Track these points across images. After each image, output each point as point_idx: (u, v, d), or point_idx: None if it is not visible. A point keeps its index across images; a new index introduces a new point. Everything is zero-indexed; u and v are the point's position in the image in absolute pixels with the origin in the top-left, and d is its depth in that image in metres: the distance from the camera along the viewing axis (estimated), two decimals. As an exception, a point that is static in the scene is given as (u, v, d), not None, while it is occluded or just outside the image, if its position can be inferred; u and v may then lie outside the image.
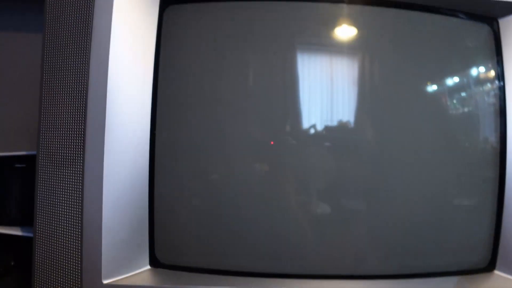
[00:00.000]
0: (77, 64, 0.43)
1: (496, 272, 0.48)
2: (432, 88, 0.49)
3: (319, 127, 0.47)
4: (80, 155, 0.43)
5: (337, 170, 0.47)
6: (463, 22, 0.49)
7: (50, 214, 0.43)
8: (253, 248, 0.47)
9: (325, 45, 0.48)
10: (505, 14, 0.48)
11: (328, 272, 0.46)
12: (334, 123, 0.47)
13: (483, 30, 0.49)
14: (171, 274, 0.45)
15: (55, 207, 0.43)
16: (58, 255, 0.43)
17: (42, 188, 0.44)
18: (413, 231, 0.47)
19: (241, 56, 0.47)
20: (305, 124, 0.47)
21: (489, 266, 0.48)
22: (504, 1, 0.46)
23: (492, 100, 0.49)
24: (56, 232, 0.43)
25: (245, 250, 0.47)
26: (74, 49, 0.43)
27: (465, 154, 0.49)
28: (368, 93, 0.48)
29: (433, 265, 0.48)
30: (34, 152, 0.48)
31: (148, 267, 0.46)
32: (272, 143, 0.47)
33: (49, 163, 0.44)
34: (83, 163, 0.43)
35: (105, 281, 0.43)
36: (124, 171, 0.44)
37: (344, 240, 0.47)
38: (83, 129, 0.43)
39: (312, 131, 0.47)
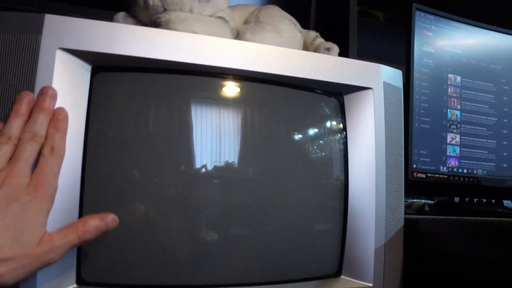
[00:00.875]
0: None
1: (342, 276, 0.66)
2: (297, 139, 0.67)
3: (209, 167, 0.61)
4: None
5: (223, 202, 0.62)
6: (320, 96, 0.68)
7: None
8: (162, 265, 0.59)
9: (216, 101, 0.64)
10: (346, 92, 0.68)
11: (221, 282, 0.61)
12: (222, 163, 0.62)
13: (334, 102, 0.69)
14: (95, 292, 0.56)
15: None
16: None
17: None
18: (281, 246, 0.64)
19: (152, 112, 0.61)
20: (198, 164, 0.61)
21: (337, 273, 0.66)
22: (346, 84, 0.66)
23: (340, 147, 0.69)
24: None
25: (156, 267, 0.59)
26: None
27: (321, 187, 0.67)
28: (249, 141, 0.64)
29: (293, 273, 0.64)
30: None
31: (75, 285, 0.55)
32: (156, 180, 0.60)
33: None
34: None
35: (34, 299, 0.52)
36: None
37: (230, 256, 0.62)
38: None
39: (203, 170, 0.61)
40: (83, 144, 0.55)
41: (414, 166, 1.00)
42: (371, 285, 0.64)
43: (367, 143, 0.67)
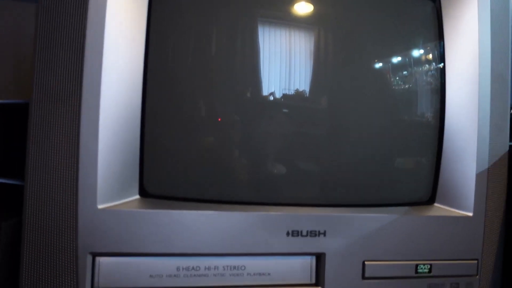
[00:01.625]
0: (75, 4, 0.47)
1: (436, 204, 0.57)
2: (379, 58, 0.58)
3: (278, 95, 0.54)
4: (77, 92, 0.46)
5: (293, 133, 0.55)
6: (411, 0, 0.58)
7: (45, 148, 0.47)
8: (234, 181, 0.53)
9: (285, 20, 0.56)
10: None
11: (298, 201, 0.54)
12: (292, 91, 0.54)
13: (428, 6, 0.58)
14: (158, 202, 0.50)
15: (51, 141, 0.47)
16: (53, 185, 0.46)
17: (36, 123, 0.47)
18: (362, 170, 0.56)
19: (214, 34, 0.54)
20: (265, 91, 0.54)
21: (430, 200, 0.57)
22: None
23: (435, 56, 0.59)
24: (51, 164, 0.46)
25: (226, 182, 0.53)
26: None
27: (410, 100, 0.58)
28: (321, 66, 0.56)
29: (384, 198, 0.56)
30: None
31: (138, 196, 0.50)
32: (219, 119, 0.54)
33: (46, 99, 0.47)
34: (80, 100, 0.46)
35: (99, 206, 0.47)
36: (118, 109, 0.48)
37: (310, 176, 0.55)
38: (81, 69, 0.47)
39: (271, 98, 0.54)
40: (142, 73, 0.50)
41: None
42: (471, 214, 0.55)
43: (469, 51, 0.56)
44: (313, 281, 0.52)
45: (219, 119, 0.53)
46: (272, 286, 0.51)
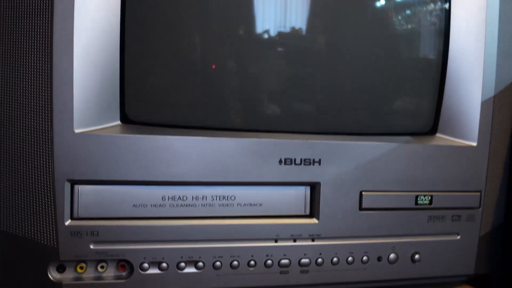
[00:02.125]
0: None
1: (438, 134, 0.54)
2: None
3: (273, 33, 0.50)
4: (48, 2, 0.42)
5: (288, 73, 0.51)
6: None
7: (14, 66, 0.42)
8: (224, 106, 0.49)
9: None
10: None
11: (293, 129, 0.50)
12: (287, 29, 0.50)
13: None
14: (141, 128, 0.46)
15: (20, 57, 0.42)
16: (25, 106, 0.42)
17: (3, 39, 0.43)
18: (367, 100, 0.53)
19: None
20: (259, 28, 0.50)
21: (432, 130, 0.54)
22: None
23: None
24: (22, 83, 0.42)
25: (216, 107, 0.49)
26: None
27: (410, 19, 0.54)
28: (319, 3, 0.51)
29: (383, 127, 0.53)
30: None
31: (119, 122, 0.47)
32: (214, 66, 0.50)
33: (10, 12, 0.43)
34: (51, 11, 0.42)
35: (77, 131, 0.44)
36: (95, 23, 0.43)
37: (305, 102, 0.51)
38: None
39: (265, 36, 0.50)
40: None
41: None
42: (474, 144, 0.52)
43: (478, -30, 0.52)
44: (307, 212, 0.49)
45: (209, 46, 0.49)
46: (264, 217, 0.48)
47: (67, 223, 0.44)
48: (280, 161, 0.47)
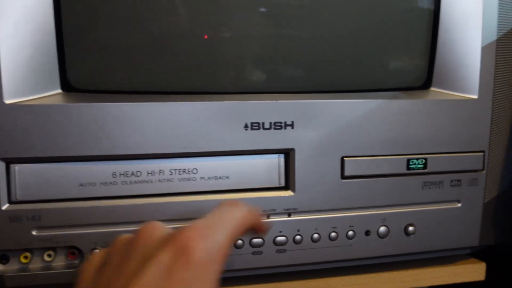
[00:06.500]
0: None
1: (433, 88, 0.47)
2: None
3: None
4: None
5: (271, 35, 0.44)
6: None
7: None
8: (179, 66, 0.43)
9: None
10: None
11: (259, 89, 0.44)
12: None
13: None
14: (86, 96, 0.41)
15: None
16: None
17: None
18: (346, 49, 0.46)
19: None
20: None
21: (425, 84, 0.47)
22: None
23: None
24: None
25: (170, 68, 0.43)
26: None
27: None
28: None
29: (367, 81, 0.46)
30: None
31: (59, 90, 0.41)
32: (206, 37, 0.43)
33: None
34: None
35: (7, 101, 0.38)
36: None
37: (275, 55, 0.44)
38: None
39: None
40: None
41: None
42: (475, 97, 0.45)
43: None
44: (282, 183, 0.43)
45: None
46: (232, 191, 0.42)
47: (4, 207, 0.39)
48: (246, 126, 0.41)
